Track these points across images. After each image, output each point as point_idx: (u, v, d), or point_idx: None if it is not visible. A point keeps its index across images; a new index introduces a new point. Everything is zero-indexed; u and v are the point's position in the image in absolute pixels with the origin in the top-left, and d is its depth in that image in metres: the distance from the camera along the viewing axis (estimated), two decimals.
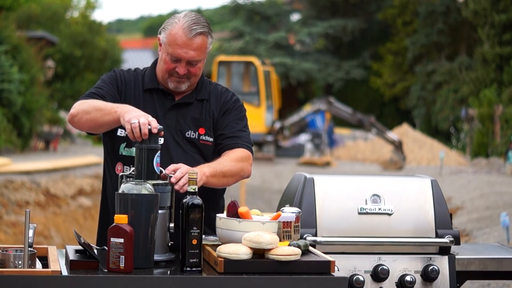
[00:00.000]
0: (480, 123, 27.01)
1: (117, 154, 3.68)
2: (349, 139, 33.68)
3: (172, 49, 3.59)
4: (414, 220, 3.70)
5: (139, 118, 3.30)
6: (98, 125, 3.53)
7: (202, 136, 3.68)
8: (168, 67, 3.63)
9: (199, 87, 3.74)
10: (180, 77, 3.64)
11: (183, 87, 3.67)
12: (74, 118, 3.58)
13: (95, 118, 3.51)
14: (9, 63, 21.33)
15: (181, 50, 3.58)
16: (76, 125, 3.61)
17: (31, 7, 30.80)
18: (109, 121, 3.47)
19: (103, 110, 3.49)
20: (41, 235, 12.68)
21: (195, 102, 3.72)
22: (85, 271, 3.02)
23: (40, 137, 24.39)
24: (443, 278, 3.67)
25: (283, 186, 4.46)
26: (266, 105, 27.77)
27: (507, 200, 13.39)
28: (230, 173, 3.56)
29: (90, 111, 3.52)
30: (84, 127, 3.59)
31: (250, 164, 3.68)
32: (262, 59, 31.94)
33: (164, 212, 3.24)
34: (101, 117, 3.49)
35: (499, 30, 29.20)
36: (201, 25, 3.60)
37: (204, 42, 3.61)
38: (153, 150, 3.28)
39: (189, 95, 3.72)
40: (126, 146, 3.65)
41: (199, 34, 3.58)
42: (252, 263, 3.02)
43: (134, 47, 48.82)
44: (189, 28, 3.57)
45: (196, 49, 3.59)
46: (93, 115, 3.51)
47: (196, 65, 3.63)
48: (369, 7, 41.09)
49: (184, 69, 3.61)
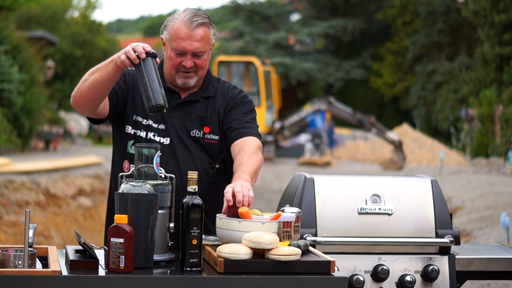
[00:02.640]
0: (480, 123, 27.01)
1: (125, 152, 3.68)
2: (349, 139, 33.68)
3: (176, 43, 3.59)
4: (414, 220, 3.70)
5: (131, 45, 3.34)
6: (100, 84, 3.47)
7: (207, 135, 3.67)
8: (174, 62, 3.63)
9: (206, 84, 3.74)
10: (187, 71, 3.63)
11: (191, 82, 3.66)
12: (76, 94, 3.54)
13: (94, 79, 3.48)
14: (9, 63, 21.32)
15: (185, 42, 3.58)
16: (79, 100, 3.54)
17: (31, 7, 30.80)
18: (109, 72, 3.44)
19: (99, 68, 3.49)
20: (41, 235, 12.68)
21: (201, 100, 3.71)
22: (85, 271, 3.01)
23: (40, 137, 24.39)
24: (443, 278, 3.67)
25: (283, 186, 4.46)
26: (266, 105, 27.79)
27: (507, 200, 13.39)
28: (258, 168, 3.55)
29: (87, 78, 3.50)
30: (88, 97, 3.52)
31: (261, 151, 3.67)
32: (262, 59, 31.94)
33: (164, 212, 3.24)
34: (99, 75, 3.47)
35: (499, 30, 29.21)
36: (201, 17, 3.61)
37: (207, 33, 3.61)
38: (153, 150, 3.28)
39: (195, 93, 3.71)
40: (133, 144, 3.64)
41: (201, 25, 3.59)
42: (252, 263, 3.02)
43: None
44: (190, 20, 3.58)
45: (200, 40, 3.59)
46: (92, 78, 3.49)
47: (201, 57, 3.62)
48: (369, 7, 41.09)
49: (190, 61, 3.61)
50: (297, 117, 28.04)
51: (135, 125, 3.67)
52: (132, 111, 3.69)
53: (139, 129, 3.66)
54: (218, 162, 3.69)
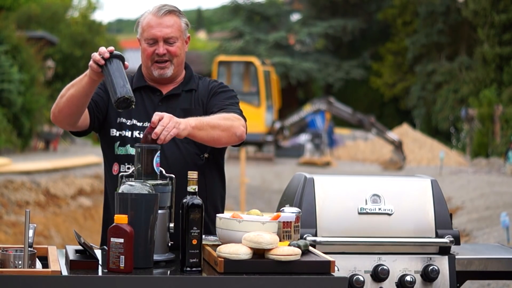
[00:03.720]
0: (480, 123, 27.00)
1: (113, 154, 3.70)
2: (349, 139, 33.67)
3: (146, 33, 3.65)
4: (414, 220, 3.70)
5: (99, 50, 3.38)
6: (76, 99, 3.50)
7: None
8: (148, 53, 3.67)
9: (187, 80, 3.77)
10: (162, 61, 3.66)
11: (168, 72, 3.68)
12: (55, 111, 3.58)
13: (70, 94, 3.51)
14: (9, 63, 21.33)
15: (154, 30, 3.64)
16: (58, 116, 3.59)
17: (31, 7, 30.80)
18: (84, 86, 3.47)
19: (75, 84, 3.51)
20: (41, 235, 12.68)
21: (183, 94, 3.74)
22: (85, 271, 3.02)
23: (40, 137, 24.39)
24: (443, 278, 3.67)
25: (283, 186, 4.46)
26: (266, 105, 27.76)
27: (507, 200, 13.39)
28: (219, 127, 3.49)
29: (64, 94, 3.54)
30: (66, 112, 3.55)
31: (242, 125, 3.60)
32: (262, 59, 31.92)
33: (164, 212, 3.24)
34: (75, 90, 3.50)
35: (499, 30, 29.20)
36: (170, 6, 3.68)
37: (176, 21, 3.67)
38: (153, 150, 3.28)
39: (176, 87, 3.75)
40: (120, 145, 3.67)
41: (169, 12, 3.66)
42: (252, 263, 3.02)
43: (134, 47, 48.83)
44: (158, 9, 3.66)
45: (169, 26, 3.64)
46: (68, 93, 3.52)
47: (174, 44, 3.66)
48: (369, 7, 41.07)
49: (162, 48, 3.64)
50: (297, 117, 28.02)
51: (119, 127, 3.70)
52: (115, 115, 3.72)
53: (124, 130, 3.69)
54: (206, 152, 3.69)
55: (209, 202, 3.66)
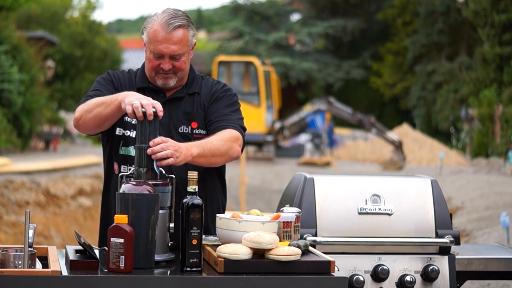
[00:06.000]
0: (480, 123, 27.00)
1: (116, 153, 3.69)
2: (349, 139, 33.67)
3: (153, 46, 3.61)
4: (414, 220, 3.70)
5: (141, 100, 3.30)
6: (102, 119, 3.52)
7: (195, 130, 3.68)
8: (153, 65, 3.65)
9: (190, 82, 3.76)
10: (166, 73, 3.65)
11: (171, 83, 3.68)
12: (79, 121, 3.59)
13: (98, 113, 3.51)
14: (9, 63, 21.32)
15: (162, 45, 3.59)
16: (82, 127, 3.61)
17: (31, 7, 30.77)
18: (112, 111, 3.47)
19: (104, 103, 3.50)
20: (41, 235, 12.68)
21: (186, 97, 3.73)
22: (85, 271, 3.02)
23: (40, 137, 24.38)
24: (443, 278, 3.67)
25: (283, 186, 4.46)
26: (266, 105, 27.75)
27: (507, 200, 13.39)
28: (219, 152, 3.51)
29: (92, 109, 3.53)
30: (91, 126, 3.58)
31: (239, 144, 3.62)
32: (262, 59, 31.92)
33: (164, 212, 3.24)
34: (103, 110, 3.49)
35: (499, 30, 29.20)
36: (179, 19, 3.61)
37: (185, 35, 3.61)
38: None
39: (180, 90, 3.74)
40: (123, 145, 3.67)
41: (178, 27, 3.59)
42: (252, 263, 3.02)
43: (134, 47, 48.78)
44: (167, 23, 3.58)
45: (177, 42, 3.59)
46: (96, 111, 3.52)
47: (179, 59, 3.63)
48: (369, 7, 41.07)
49: (168, 64, 3.62)
50: (297, 117, 28.01)
51: (124, 125, 3.69)
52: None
53: (128, 129, 3.68)
54: None
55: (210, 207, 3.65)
